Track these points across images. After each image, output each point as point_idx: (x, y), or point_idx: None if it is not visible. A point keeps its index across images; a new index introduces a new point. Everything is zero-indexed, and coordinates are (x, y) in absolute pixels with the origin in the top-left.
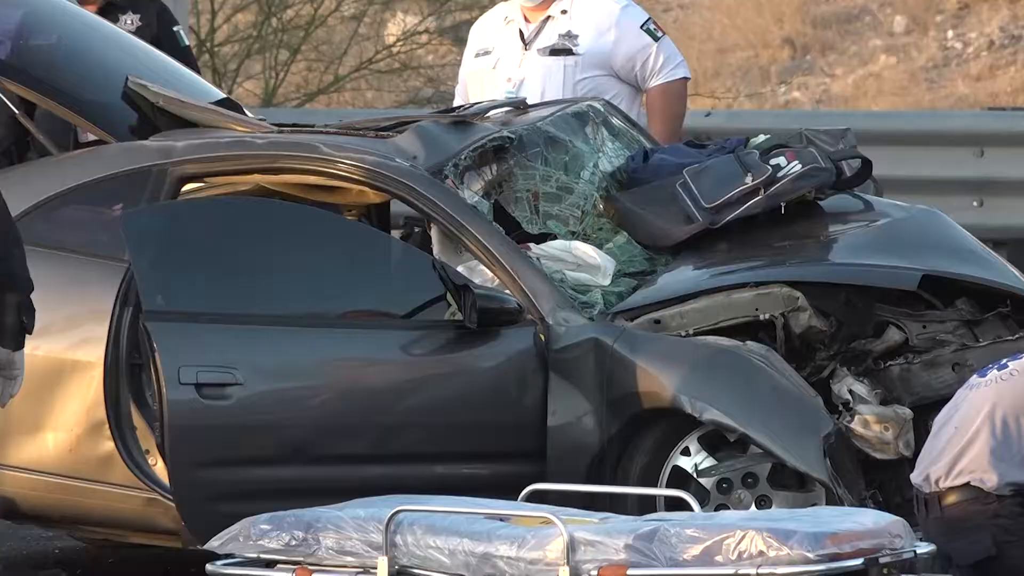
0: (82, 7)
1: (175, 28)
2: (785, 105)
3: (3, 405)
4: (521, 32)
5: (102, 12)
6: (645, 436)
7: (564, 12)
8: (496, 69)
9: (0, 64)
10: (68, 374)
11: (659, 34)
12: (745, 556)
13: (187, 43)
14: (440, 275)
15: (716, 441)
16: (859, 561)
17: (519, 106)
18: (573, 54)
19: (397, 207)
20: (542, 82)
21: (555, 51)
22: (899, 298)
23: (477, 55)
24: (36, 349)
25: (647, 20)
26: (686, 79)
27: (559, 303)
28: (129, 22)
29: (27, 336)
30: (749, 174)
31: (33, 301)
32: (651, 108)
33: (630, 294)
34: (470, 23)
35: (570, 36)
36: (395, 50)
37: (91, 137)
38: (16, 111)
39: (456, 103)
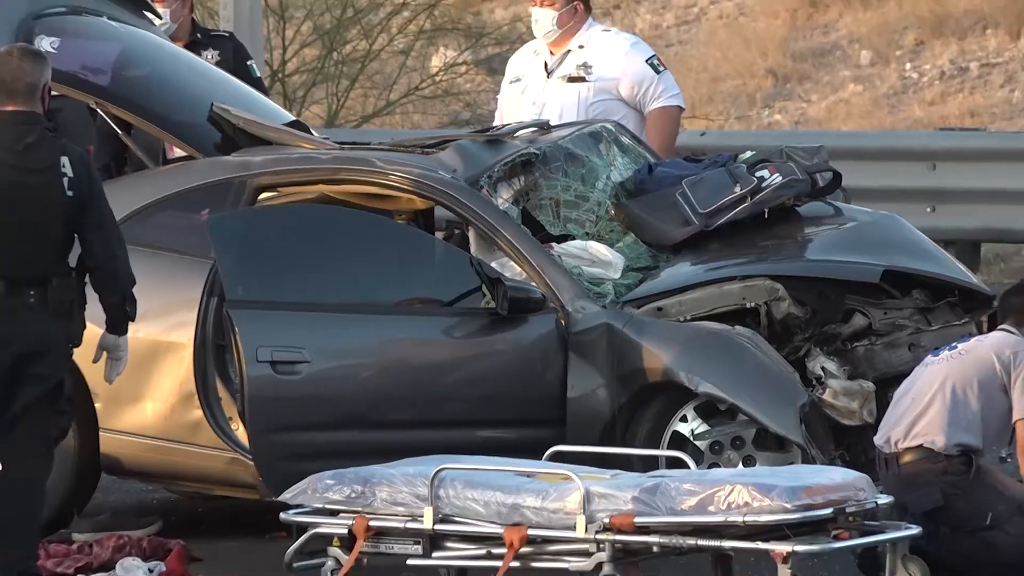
0: (172, 43)
1: (248, 62)
2: (768, 126)
3: (110, 382)
4: (545, 63)
5: (188, 47)
6: (649, 406)
7: (581, 47)
8: (524, 94)
9: (102, 90)
10: (163, 354)
11: (661, 68)
12: (733, 506)
13: (258, 75)
14: (476, 270)
15: (709, 410)
16: (829, 511)
17: (544, 126)
18: (587, 81)
19: (440, 212)
20: (560, 105)
21: (572, 79)
22: (864, 289)
23: (511, 82)
24: (137, 333)
25: (652, 56)
26: (681, 108)
27: (577, 293)
28: (210, 56)
29: (130, 323)
30: (738, 184)
31: (134, 293)
32: (650, 127)
33: (637, 286)
34: (502, 56)
35: (585, 67)
36: (438, 79)
37: (179, 153)
38: (118, 131)
39: (496, 123)
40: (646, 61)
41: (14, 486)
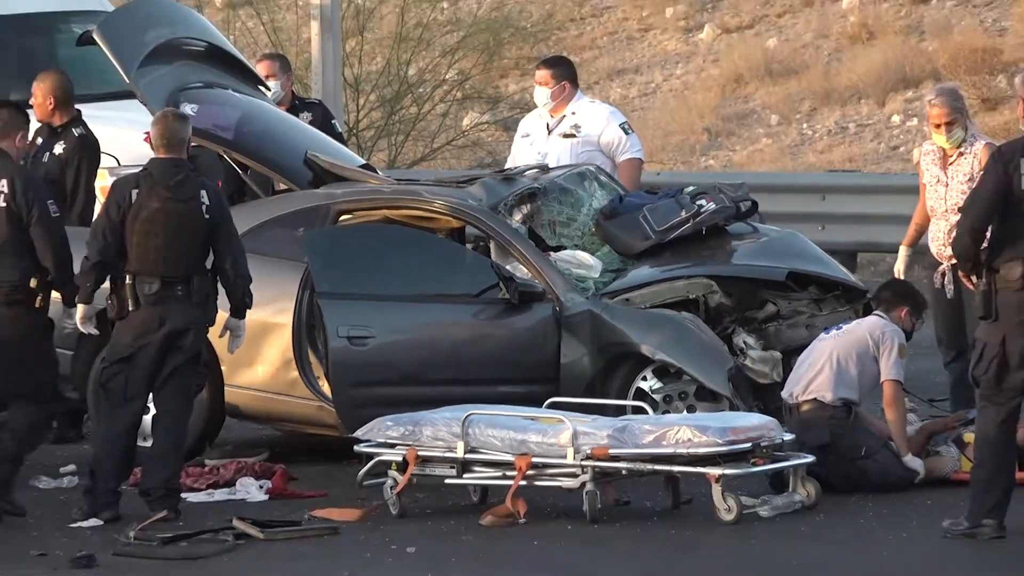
0: (277, 108)
1: (332, 121)
2: (704, 168)
3: (232, 352)
4: (547, 124)
5: (289, 111)
6: (619, 369)
7: (573, 113)
8: (531, 146)
9: (228, 143)
10: (270, 331)
11: (629, 131)
12: (680, 442)
13: (339, 131)
14: (495, 271)
15: (663, 372)
16: (749, 445)
17: (544, 168)
18: (576, 137)
19: (469, 230)
20: (557, 154)
21: (566, 135)
22: (774, 285)
23: (522, 136)
24: (252, 316)
25: (624, 122)
26: (641, 160)
27: (568, 288)
28: (305, 117)
29: (248, 310)
30: (683, 210)
31: (251, 288)
32: (620, 172)
33: (610, 283)
34: (514, 117)
35: (576, 127)
36: (467, 134)
37: (283, 187)
38: (239, 171)
39: (508, 166)
40: (619, 125)
41: (167, 425)
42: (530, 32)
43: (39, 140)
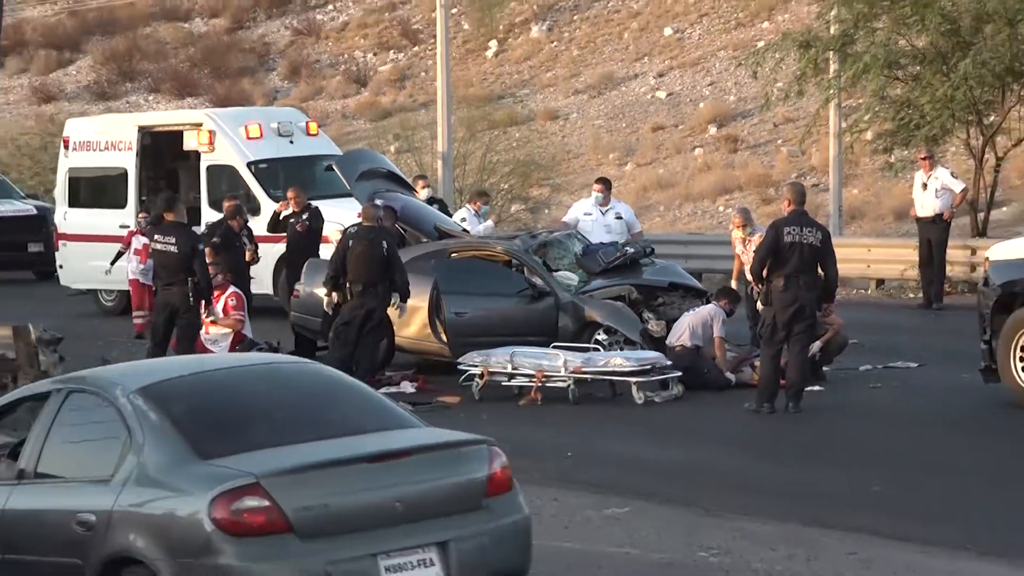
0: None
1: (447, 207)
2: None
3: (400, 318)
4: (601, 210)
5: (427, 202)
6: (587, 329)
7: (613, 208)
8: (594, 220)
9: (399, 217)
10: (417, 310)
11: (635, 217)
12: (616, 365)
13: (450, 213)
14: (526, 281)
15: (609, 331)
16: (649, 366)
17: (551, 231)
18: (620, 219)
19: (514, 261)
20: (607, 224)
21: (617, 217)
22: (663, 289)
23: (584, 214)
24: (409, 302)
25: (633, 212)
26: (640, 230)
27: (561, 289)
28: (434, 206)
29: (407, 299)
30: (618, 253)
31: (409, 289)
32: (632, 234)
33: (582, 288)
34: (533, 207)
35: (617, 215)
36: (513, 215)
37: (424, 239)
38: (402, 230)
39: (565, 218)
40: (632, 214)
41: (365, 355)
42: (544, 166)
43: (292, 219)
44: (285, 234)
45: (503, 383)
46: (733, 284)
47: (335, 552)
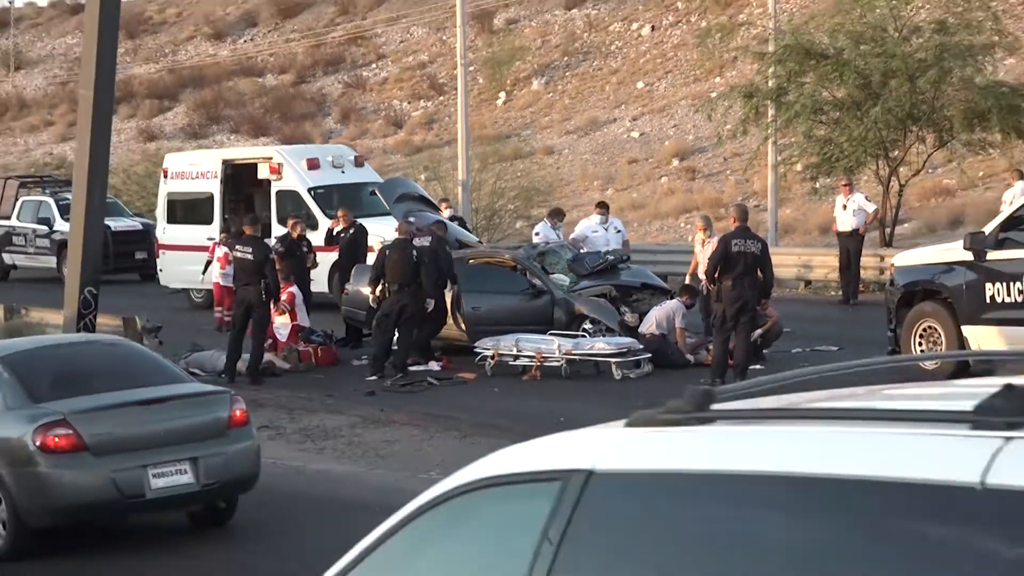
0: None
1: (465, 223)
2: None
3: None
4: (604, 227)
5: (451, 219)
6: (576, 320)
7: (612, 223)
8: (599, 235)
9: (420, 231)
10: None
11: (625, 231)
12: (600, 348)
13: (469, 227)
14: (529, 282)
15: (594, 321)
16: (625, 349)
17: (548, 243)
18: (619, 232)
19: (519, 266)
20: (610, 236)
21: (616, 231)
22: (637, 288)
23: (592, 231)
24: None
25: (622, 228)
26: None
27: (556, 288)
28: (455, 221)
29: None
30: (601, 259)
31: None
32: (624, 243)
33: (572, 287)
34: (533, 223)
35: (617, 228)
36: (518, 229)
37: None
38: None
39: (574, 235)
40: (624, 229)
41: (401, 341)
42: (543, 191)
43: (342, 233)
44: (337, 245)
45: (510, 363)
46: (687, 280)
47: (118, 464)
